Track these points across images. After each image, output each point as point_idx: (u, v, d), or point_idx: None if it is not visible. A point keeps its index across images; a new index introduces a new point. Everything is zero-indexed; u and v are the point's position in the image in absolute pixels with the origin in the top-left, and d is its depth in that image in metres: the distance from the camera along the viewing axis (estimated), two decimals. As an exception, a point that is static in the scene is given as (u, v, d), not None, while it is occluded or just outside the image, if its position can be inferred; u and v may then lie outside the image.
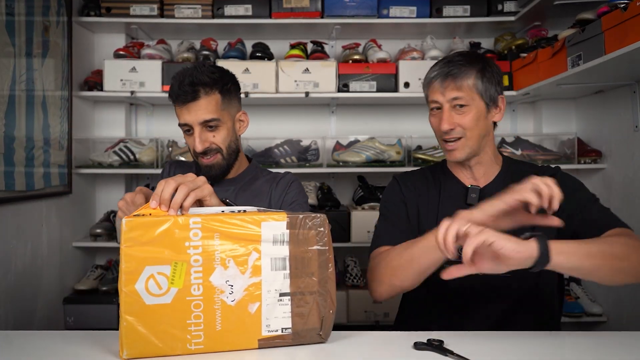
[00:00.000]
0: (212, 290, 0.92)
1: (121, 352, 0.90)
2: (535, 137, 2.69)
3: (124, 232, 0.90)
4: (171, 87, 1.40)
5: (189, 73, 1.38)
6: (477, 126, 1.30)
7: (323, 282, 0.97)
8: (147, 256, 0.90)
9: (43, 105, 2.14)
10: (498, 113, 1.35)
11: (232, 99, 1.45)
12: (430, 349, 0.96)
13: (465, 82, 1.29)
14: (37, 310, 2.13)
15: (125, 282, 0.90)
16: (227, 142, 1.43)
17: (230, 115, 1.44)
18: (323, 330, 0.98)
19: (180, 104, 1.39)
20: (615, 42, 1.72)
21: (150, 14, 2.55)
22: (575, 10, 2.09)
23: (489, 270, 0.98)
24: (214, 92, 1.39)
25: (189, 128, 1.40)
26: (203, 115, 1.37)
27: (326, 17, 2.57)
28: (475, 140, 1.31)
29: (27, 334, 1.09)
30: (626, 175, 2.27)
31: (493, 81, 1.32)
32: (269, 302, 0.95)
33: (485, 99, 1.31)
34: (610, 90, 2.37)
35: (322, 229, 0.97)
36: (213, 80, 1.39)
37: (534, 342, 1.02)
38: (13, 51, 1.92)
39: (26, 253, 2.04)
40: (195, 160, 1.46)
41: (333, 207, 2.57)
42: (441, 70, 1.31)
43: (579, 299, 2.47)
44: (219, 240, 0.93)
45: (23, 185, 1.98)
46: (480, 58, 1.35)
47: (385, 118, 2.85)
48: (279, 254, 0.95)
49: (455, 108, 1.30)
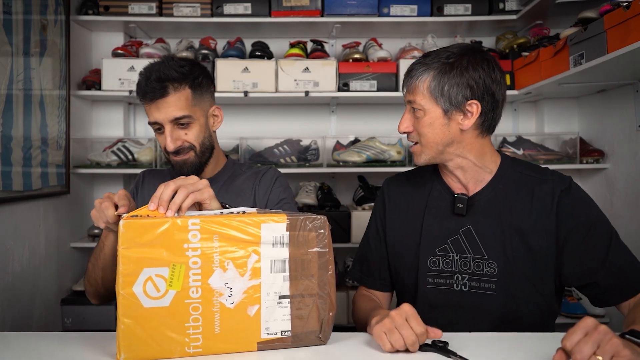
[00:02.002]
0: (210, 293, 0.91)
1: (118, 355, 0.89)
2: (537, 136, 2.68)
3: (122, 233, 0.89)
4: (138, 84, 1.33)
5: (156, 68, 1.31)
6: (431, 133, 1.21)
7: (323, 284, 0.96)
8: (145, 258, 0.89)
9: (41, 104, 2.12)
10: (466, 119, 1.20)
11: (204, 93, 1.37)
12: (434, 350, 0.96)
13: (419, 84, 1.20)
14: (34, 311, 2.11)
15: (123, 285, 0.89)
16: (200, 139, 1.36)
17: (202, 111, 1.37)
18: (323, 332, 0.97)
19: (148, 102, 1.31)
20: (617, 41, 1.71)
21: (149, 13, 2.53)
22: (577, 9, 2.08)
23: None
24: (184, 88, 1.32)
25: (160, 126, 1.33)
26: (173, 113, 1.30)
27: (326, 16, 2.55)
28: (432, 148, 1.22)
29: (24, 335, 1.09)
30: (629, 175, 2.26)
31: (459, 84, 1.18)
32: (268, 304, 0.94)
33: (442, 104, 1.19)
34: (613, 89, 2.36)
35: (322, 230, 0.96)
36: (182, 74, 1.31)
37: (539, 343, 1.01)
38: (10, 50, 1.91)
39: (24, 254, 2.02)
40: (167, 158, 1.39)
41: (333, 207, 2.56)
42: (408, 68, 1.25)
43: (581, 300, 2.45)
44: (218, 242, 0.91)
45: (20, 185, 1.96)
46: (459, 56, 1.20)
47: (386, 117, 2.83)
48: (279, 256, 0.94)
49: (413, 112, 1.23)
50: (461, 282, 1.23)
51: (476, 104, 1.19)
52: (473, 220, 1.24)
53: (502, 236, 1.21)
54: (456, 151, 1.24)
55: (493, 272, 1.20)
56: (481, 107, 1.20)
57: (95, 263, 1.26)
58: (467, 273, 1.22)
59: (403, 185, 1.38)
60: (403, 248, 1.31)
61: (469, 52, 1.22)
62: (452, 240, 1.25)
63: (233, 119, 2.81)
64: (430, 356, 0.94)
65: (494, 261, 1.21)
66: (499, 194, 1.25)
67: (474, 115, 1.20)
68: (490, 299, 1.20)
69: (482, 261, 1.22)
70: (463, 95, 1.19)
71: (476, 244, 1.23)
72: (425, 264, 1.26)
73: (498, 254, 1.21)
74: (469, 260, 1.23)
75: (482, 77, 1.19)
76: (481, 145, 1.25)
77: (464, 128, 1.21)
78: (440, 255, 1.25)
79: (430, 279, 1.25)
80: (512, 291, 1.20)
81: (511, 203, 1.23)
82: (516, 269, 1.20)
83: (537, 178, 1.26)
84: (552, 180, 1.24)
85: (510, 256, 1.20)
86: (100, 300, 1.34)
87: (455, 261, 1.24)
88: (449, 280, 1.24)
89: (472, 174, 1.26)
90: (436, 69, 1.19)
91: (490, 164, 1.27)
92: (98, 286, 1.28)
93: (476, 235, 1.23)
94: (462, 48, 1.23)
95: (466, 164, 1.25)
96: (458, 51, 1.21)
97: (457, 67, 1.19)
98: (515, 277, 1.20)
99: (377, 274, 1.37)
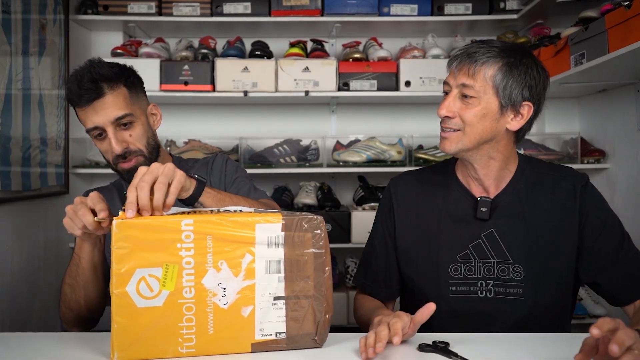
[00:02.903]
0: (204, 293, 0.90)
1: (112, 354, 0.88)
2: (538, 136, 2.67)
3: (115, 233, 0.88)
4: (69, 90, 1.24)
5: (87, 70, 1.23)
6: (480, 125, 1.13)
7: (319, 286, 0.95)
8: (138, 258, 0.88)
9: (40, 104, 2.12)
10: (515, 120, 1.15)
11: (139, 92, 1.32)
12: (435, 351, 0.94)
13: (482, 70, 1.12)
14: (33, 311, 2.10)
15: (116, 284, 0.88)
16: (145, 140, 1.29)
17: (142, 110, 1.31)
18: (318, 335, 0.96)
19: (84, 105, 1.23)
20: (618, 40, 1.70)
21: (148, 12, 2.52)
22: (578, 8, 2.07)
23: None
24: (119, 87, 1.25)
25: (101, 131, 1.25)
26: (114, 113, 1.23)
27: (326, 15, 2.54)
28: (473, 141, 1.15)
29: (23, 335, 1.09)
30: (630, 175, 2.25)
31: (521, 82, 1.13)
32: (262, 305, 0.93)
33: (502, 98, 1.13)
34: (614, 89, 2.35)
35: (318, 231, 0.95)
36: (115, 73, 1.25)
37: (541, 344, 1.01)
38: (9, 49, 1.90)
39: (22, 254, 2.02)
40: (114, 168, 1.31)
41: (333, 207, 2.54)
42: (465, 51, 1.15)
43: (582, 300, 2.44)
44: (211, 242, 0.91)
45: (19, 185, 1.96)
46: (521, 54, 1.15)
47: (386, 117, 2.82)
48: (274, 257, 0.93)
49: (463, 97, 1.14)
50: (485, 289, 1.18)
51: (529, 106, 1.15)
52: (495, 223, 1.19)
53: (527, 238, 1.18)
54: (489, 150, 1.18)
55: (519, 276, 1.17)
56: (533, 110, 1.16)
57: (74, 283, 1.16)
58: (492, 279, 1.18)
59: (413, 187, 1.31)
60: (418, 255, 1.25)
61: (528, 51, 1.19)
62: (473, 245, 1.20)
63: (233, 119, 2.81)
64: (431, 357, 0.93)
65: (520, 265, 1.17)
66: (522, 195, 1.21)
67: (524, 117, 1.16)
68: (518, 303, 1.16)
69: (507, 265, 1.18)
70: (523, 95, 1.14)
71: (500, 248, 1.18)
72: (447, 272, 1.20)
73: (523, 257, 1.17)
74: (492, 265, 1.18)
75: (542, 81, 1.16)
76: (511, 151, 1.22)
77: (512, 128, 1.16)
78: (462, 262, 1.20)
79: (452, 287, 1.20)
80: (539, 294, 1.16)
81: (534, 202, 1.20)
82: (543, 270, 1.17)
83: (555, 175, 1.23)
84: (571, 176, 1.23)
85: (536, 258, 1.17)
86: (83, 327, 1.23)
87: (478, 267, 1.19)
88: (473, 287, 1.19)
89: (495, 176, 1.21)
90: (504, 59, 1.13)
91: (512, 164, 1.23)
92: (80, 309, 1.18)
93: (499, 238, 1.19)
94: (519, 45, 1.19)
95: (493, 165, 1.20)
96: (518, 47, 1.18)
97: (523, 64, 1.14)
98: (542, 279, 1.17)
99: (384, 283, 1.31)
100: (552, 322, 1.20)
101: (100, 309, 1.23)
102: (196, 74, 2.45)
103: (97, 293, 1.18)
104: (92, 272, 1.15)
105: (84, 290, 1.16)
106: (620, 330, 0.74)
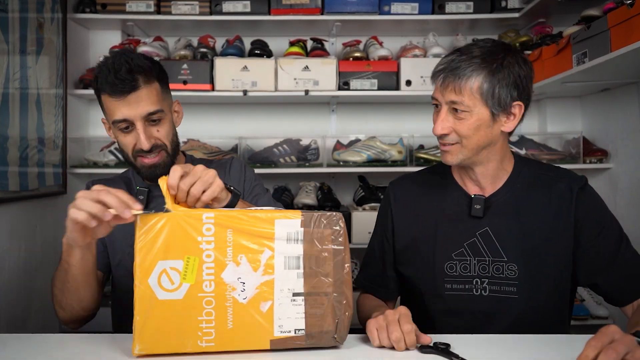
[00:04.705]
0: (223, 287, 0.90)
1: (134, 346, 0.89)
2: (540, 136, 2.66)
3: (138, 227, 0.89)
4: (101, 78, 1.20)
5: (124, 60, 1.19)
6: (476, 135, 1.15)
7: (339, 283, 0.95)
8: (160, 250, 0.89)
9: (37, 103, 2.10)
10: (509, 121, 1.17)
11: (167, 88, 1.30)
12: (435, 352, 0.94)
13: (468, 84, 1.12)
14: (31, 312, 2.08)
15: (140, 278, 0.89)
16: (170, 137, 1.28)
17: (169, 107, 1.30)
18: (338, 333, 0.95)
19: (116, 97, 1.19)
20: (621, 39, 1.69)
21: (147, 11, 2.50)
22: (580, 7, 2.06)
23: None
24: (153, 81, 1.23)
25: (128, 124, 1.22)
26: (146, 107, 1.20)
27: (326, 14, 2.52)
28: (472, 150, 1.17)
29: (21, 337, 1.08)
30: (633, 175, 2.24)
31: (507, 84, 1.13)
32: (281, 301, 0.92)
33: (491, 106, 1.13)
34: (617, 88, 2.34)
35: (337, 227, 0.95)
36: (150, 67, 1.23)
37: (541, 345, 1.00)
38: (6, 48, 1.88)
39: (20, 254, 1.99)
40: (131, 162, 1.28)
41: (333, 207, 2.53)
42: (447, 66, 1.15)
43: (584, 301, 2.43)
44: (231, 235, 0.91)
45: (17, 186, 1.93)
46: (501, 53, 1.15)
47: (387, 117, 2.81)
48: (293, 253, 0.93)
49: (454, 112, 1.15)
50: (481, 287, 1.19)
51: (520, 105, 1.16)
52: (490, 221, 1.21)
53: (521, 237, 1.19)
54: (489, 154, 1.19)
55: (514, 274, 1.18)
56: (523, 108, 1.17)
57: (64, 288, 1.12)
58: (487, 277, 1.19)
59: (411, 189, 1.33)
60: (415, 253, 1.27)
61: (507, 48, 1.17)
62: (468, 243, 1.21)
63: (232, 118, 2.79)
64: (431, 358, 0.93)
65: (514, 263, 1.18)
66: (517, 194, 1.22)
67: (517, 116, 1.17)
68: (512, 302, 1.17)
69: (501, 264, 1.19)
70: (511, 95, 1.14)
71: (494, 246, 1.20)
72: (442, 270, 1.22)
73: (518, 255, 1.18)
74: (487, 264, 1.19)
75: (526, 75, 1.16)
76: (504, 147, 1.22)
77: (507, 130, 1.17)
78: (457, 260, 1.21)
79: (448, 285, 1.21)
80: (534, 293, 1.17)
81: (530, 202, 1.21)
82: (537, 269, 1.18)
83: (553, 176, 1.24)
84: (568, 178, 1.23)
85: (530, 257, 1.18)
86: (81, 323, 1.21)
87: (473, 265, 1.20)
88: (468, 285, 1.20)
89: (493, 176, 1.23)
90: (486, 68, 1.12)
91: (508, 164, 1.24)
92: (74, 310, 1.15)
93: (494, 237, 1.20)
94: (497, 44, 1.18)
95: (491, 166, 1.21)
96: (496, 48, 1.16)
97: (505, 66, 1.13)
98: (536, 279, 1.17)
99: (382, 284, 1.35)
100: (549, 321, 1.21)
101: (95, 307, 1.21)
102: (195, 73, 2.43)
103: (90, 295, 1.15)
104: (83, 278, 1.09)
105: (76, 294, 1.12)
106: (602, 354, 0.79)
